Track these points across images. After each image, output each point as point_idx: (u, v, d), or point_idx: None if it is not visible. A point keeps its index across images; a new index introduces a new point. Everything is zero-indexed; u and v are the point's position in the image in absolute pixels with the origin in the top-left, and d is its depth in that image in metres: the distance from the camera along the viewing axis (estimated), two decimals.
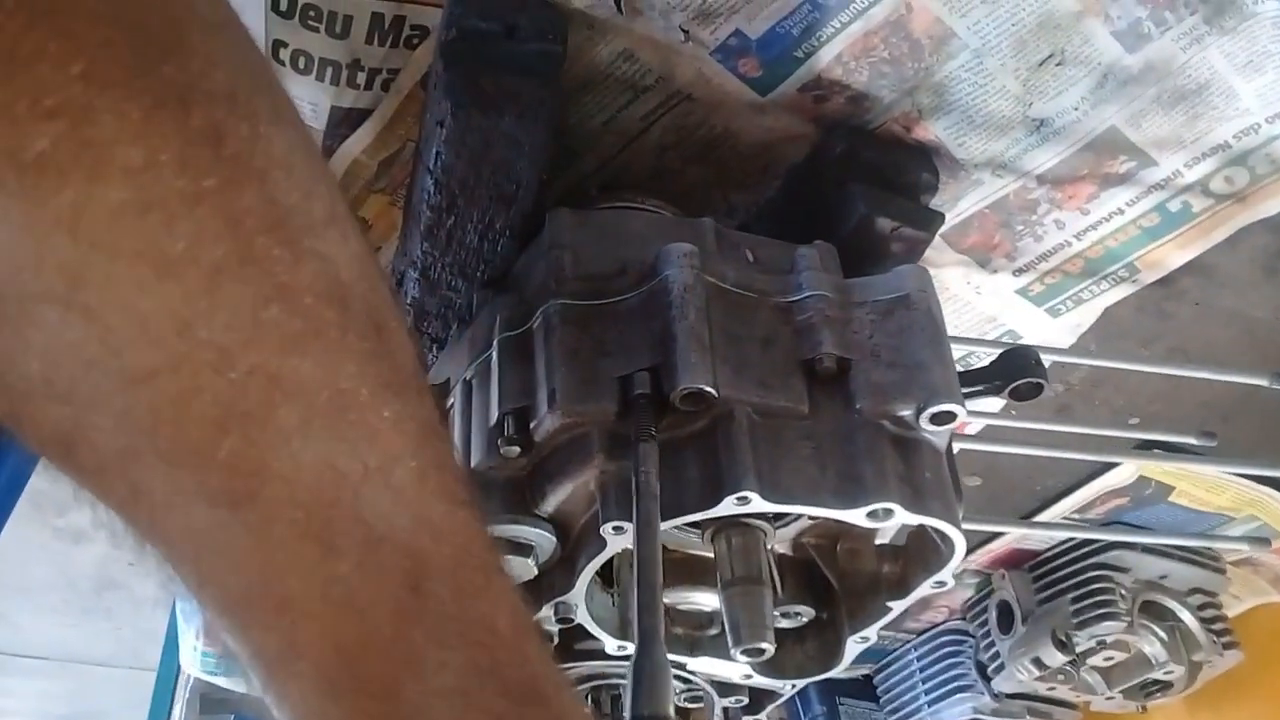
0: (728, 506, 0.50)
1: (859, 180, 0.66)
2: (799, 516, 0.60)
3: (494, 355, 0.57)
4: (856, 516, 0.52)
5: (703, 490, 0.51)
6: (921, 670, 1.26)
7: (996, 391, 0.61)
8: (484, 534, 0.32)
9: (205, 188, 0.25)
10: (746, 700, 0.68)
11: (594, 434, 0.53)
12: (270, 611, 0.29)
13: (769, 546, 0.58)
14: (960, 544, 0.54)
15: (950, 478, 0.56)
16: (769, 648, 0.55)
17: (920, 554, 0.58)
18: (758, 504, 0.50)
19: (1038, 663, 1.09)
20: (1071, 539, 1.10)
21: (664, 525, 0.52)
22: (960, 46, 0.64)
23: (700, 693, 0.71)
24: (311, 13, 0.59)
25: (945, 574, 0.57)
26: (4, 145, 0.23)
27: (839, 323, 0.56)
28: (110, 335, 0.25)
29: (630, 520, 0.51)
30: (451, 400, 0.61)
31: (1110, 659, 1.11)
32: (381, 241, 0.75)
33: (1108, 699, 1.18)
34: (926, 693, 1.25)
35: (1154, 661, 1.12)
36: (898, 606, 0.60)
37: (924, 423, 0.54)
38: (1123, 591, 1.09)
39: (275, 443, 0.27)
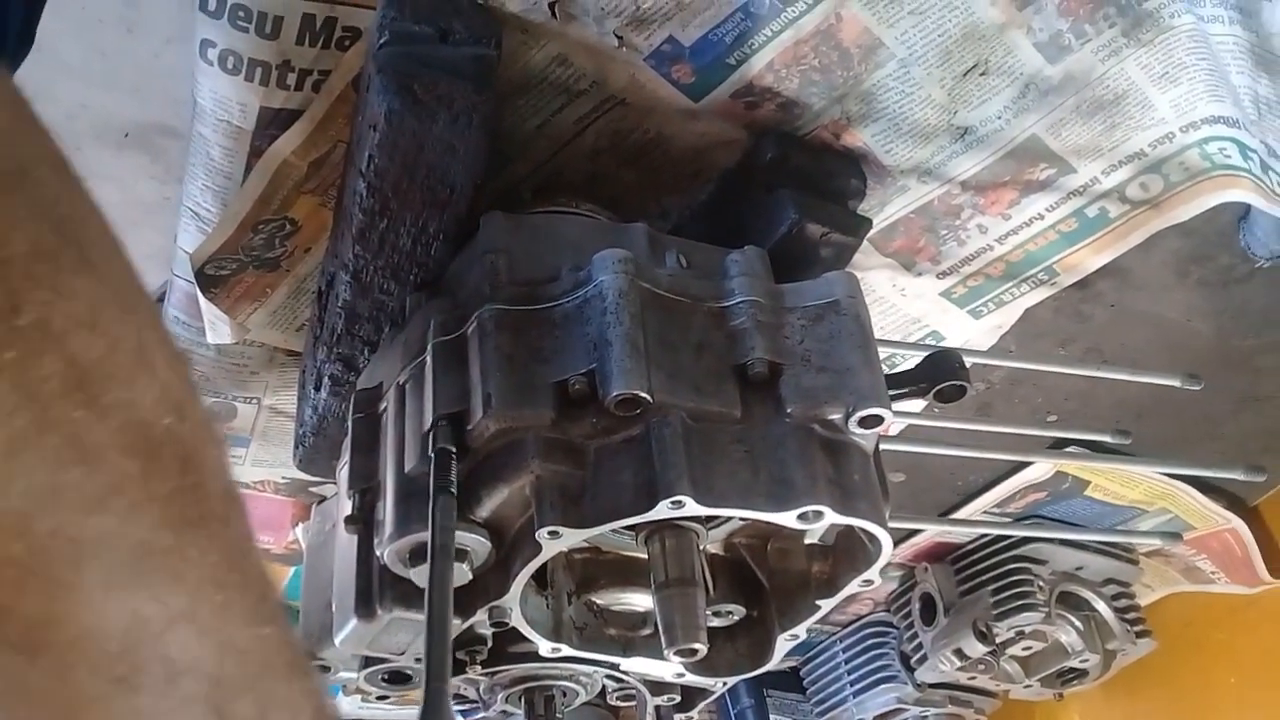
0: (662, 510, 0.51)
1: (789, 186, 0.67)
2: (730, 518, 0.61)
3: (428, 360, 0.57)
4: (787, 519, 0.53)
5: (637, 494, 0.52)
6: (847, 662, 1.28)
7: (922, 394, 0.62)
8: (288, 642, 0.34)
9: (3, 361, 0.26)
10: (679, 698, 0.69)
11: (529, 439, 0.53)
12: None
13: (701, 548, 0.59)
14: (887, 544, 0.56)
15: (878, 478, 0.57)
16: (702, 648, 0.56)
17: (848, 553, 0.60)
18: (691, 508, 0.51)
19: (959, 653, 1.11)
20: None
21: (598, 529, 0.53)
22: (888, 56, 0.66)
23: (632, 691, 0.72)
24: (241, 13, 0.58)
25: (873, 573, 0.58)
26: None
27: (770, 328, 0.57)
28: None
29: (566, 525, 0.52)
30: (384, 405, 0.61)
31: (1029, 649, 1.14)
32: (311, 243, 0.74)
33: (1026, 687, 1.22)
34: (852, 684, 1.28)
35: (1070, 650, 1.16)
36: (826, 605, 0.61)
37: (852, 426, 0.55)
38: (1041, 583, 1.12)
39: (78, 597, 0.29)
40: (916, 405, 0.80)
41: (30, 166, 0.29)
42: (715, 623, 0.65)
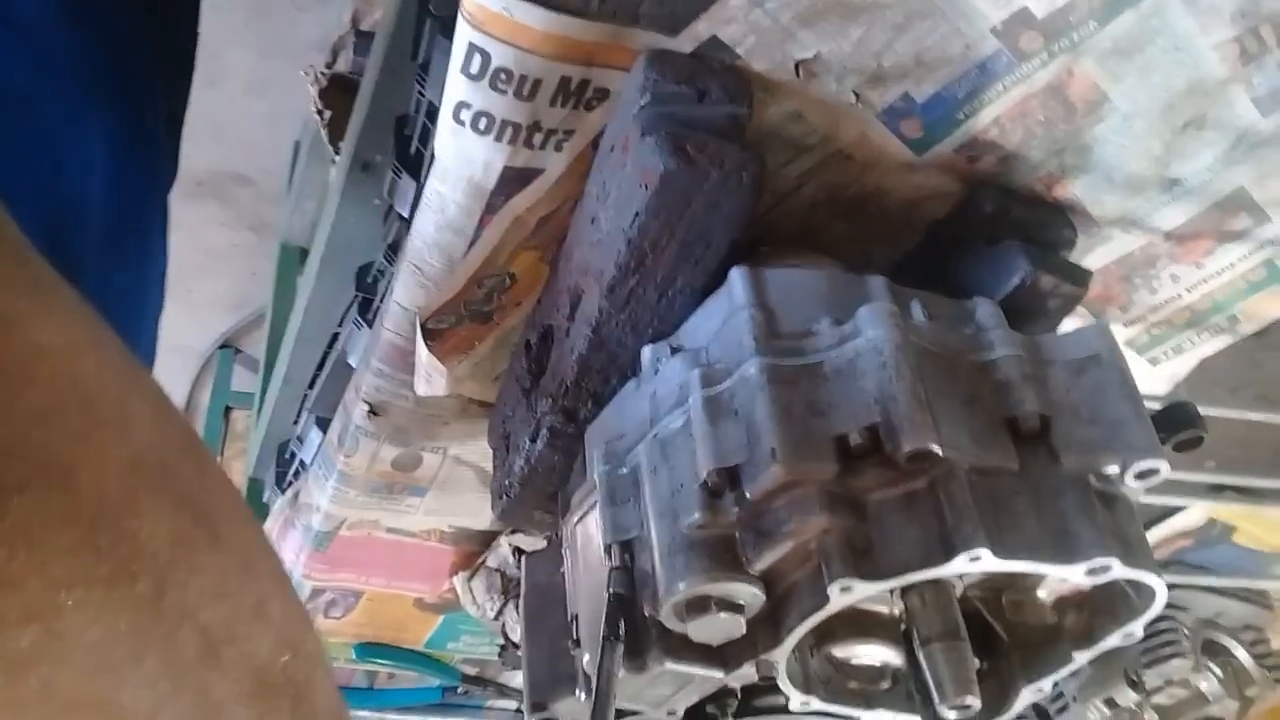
0: (960, 565, 0.51)
1: (1011, 238, 0.68)
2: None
3: (694, 413, 0.58)
4: (1075, 572, 0.53)
5: (930, 548, 0.52)
6: None
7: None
8: None
9: (150, 640, 0.30)
10: None
11: (815, 493, 0.53)
12: None
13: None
14: (1162, 595, 0.56)
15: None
16: (976, 702, 0.56)
17: (1108, 605, 0.60)
18: (987, 562, 0.51)
19: (1110, 703, 1.11)
20: None
21: (884, 585, 0.53)
22: (1111, 110, 0.67)
23: None
24: (503, 76, 0.60)
25: (1137, 625, 0.58)
26: None
27: (1036, 380, 0.57)
28: None
29: (860, 579, 0.52)
30: (633, 458, 0.62)
31: (1174, 697, 1.14)
32: (523, 297, 0.75)
33: None
34: None
35: (1211, 698, 1.15)
36: (1082, 657, 0.61)
37: (1128, 479, 0.55)
38: (1185, 630, 1.12)
39: None
40: None
41: (170, 458, 0.33)
42: None
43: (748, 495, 0.54)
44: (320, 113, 1.55)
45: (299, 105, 1.65)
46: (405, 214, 0.85)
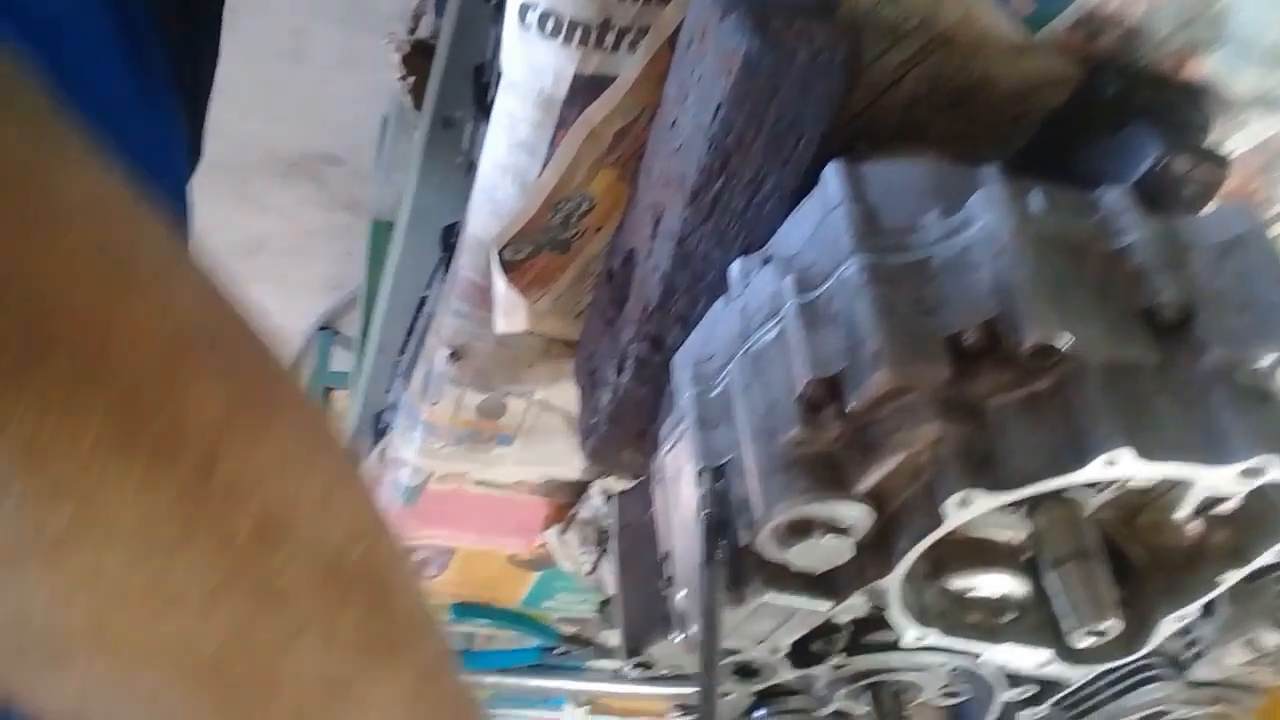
0: (1095, 470, 0.46)
1: (1140, 122, 0.61)
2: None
3: (788, 322, 0.53)
4: (1227, 476, 0.47)
5: (1061, 453, 0.46)
6: None
7: None
8: None
9: (200, 520, 0.28)
10: (1035, 690, 0.63)
11: (925, 399, 0.48)
12: None
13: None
14: None
15: None
16: (1115, 624, 0.50)
17: (1260, 517, 0.53)
18: (1126, 465, 0.45)
19: (1252, 645, 1.02)
20: None
21: (1007, 497, 0.48)
22: None
23: (957, 690, 0.66)
24: None
25: None
26: (28, 533, 0.25)
27: (1174, 267, 0.51)
28: (128, 664, 0.29)
29: (980, 490, 0.47)
30: (724, 378, 0.57)
31: None
32: (603, 221, 0.71)
33: None
34: (1110, 684, 1.19)
35: None
36: (1233, 577, 0.54)
37: None
38: None
39: None
40: None
41: (219, 332, 0.31)
42: None
43: (850, 406, 0.49)
44: (404, 79, 1.55)
45: (386, 80, 1.63)
46: None
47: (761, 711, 0.82)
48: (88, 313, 0.27)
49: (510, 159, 0.65)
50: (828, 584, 0.53)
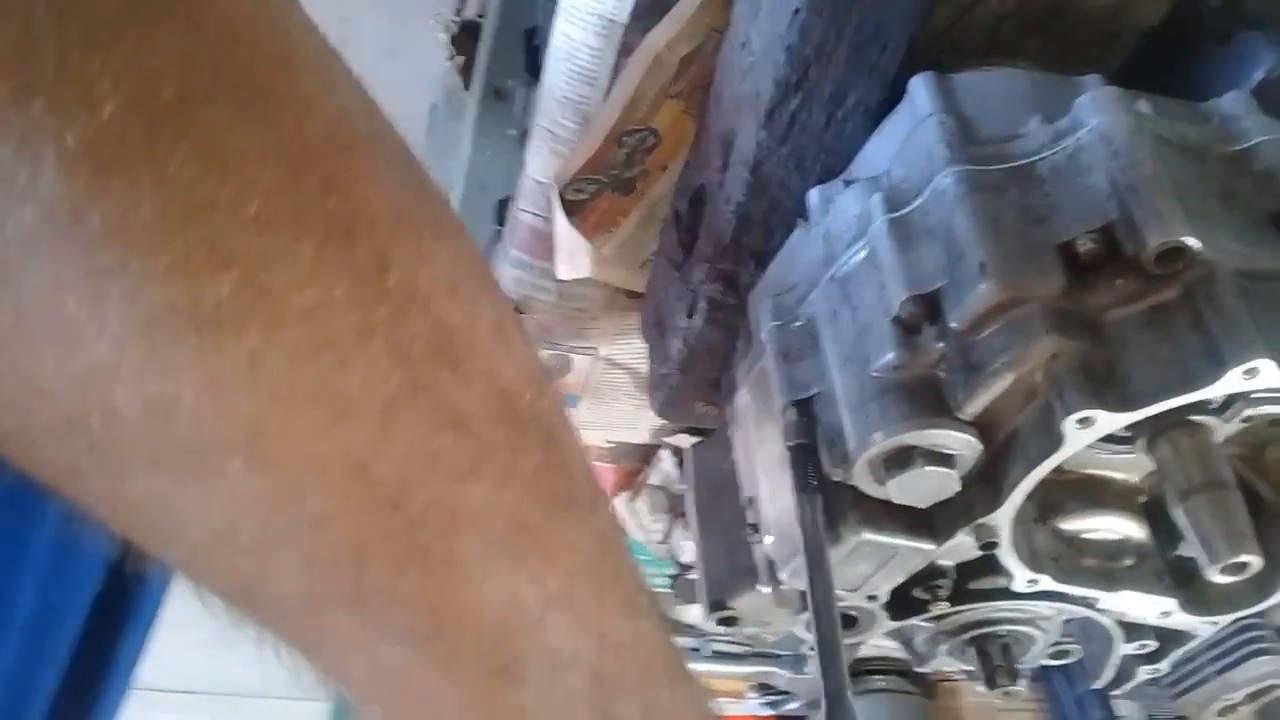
0: (1232, 382, 0.41)
1: (1250, 31, 0.56)
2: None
3: (877, 241, 0.49)
4: None
5: (1192, 365, 0.42)
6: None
7: None
8: (668, 642, 0.32)
9: (375, 320, 0.25)
10: (1154, 644, 0.59)
11: (1037, 313, 0.44)
12: None
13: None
14: None
15: None
16: (1255, 560, 0.46)
17: None
18: (1269, 376, 0.41)
19: None
20: None
21: (1133, 415, 0.44)
22: None
23: (1069, 647, 0.62)
24: None
25: None
26: (182, 300, 0.22)
27: None
28: (291, 481, 0.25)
29: (1105, 409, 0.43)
30: (807, 307, 0.53)
31: None
32: (668, 159, 0.67)
33: None
34: (1215, 658, 1.13)
35: None
36: None
37: None
38: None
39: (456, 576, 0.27)
40: None
41: (379, 131, 0.28)
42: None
43: (952, 324, 0.45)
44: (452, 59, 1.54)
45: (434, 67, 1.62)
46: None
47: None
48: (249, 69, 0.24)
49: (570, 89, 0.61)
50: (931, 522, 0.49)
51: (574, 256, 0.67)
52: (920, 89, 0.52)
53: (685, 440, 0.85)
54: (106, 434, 0.23)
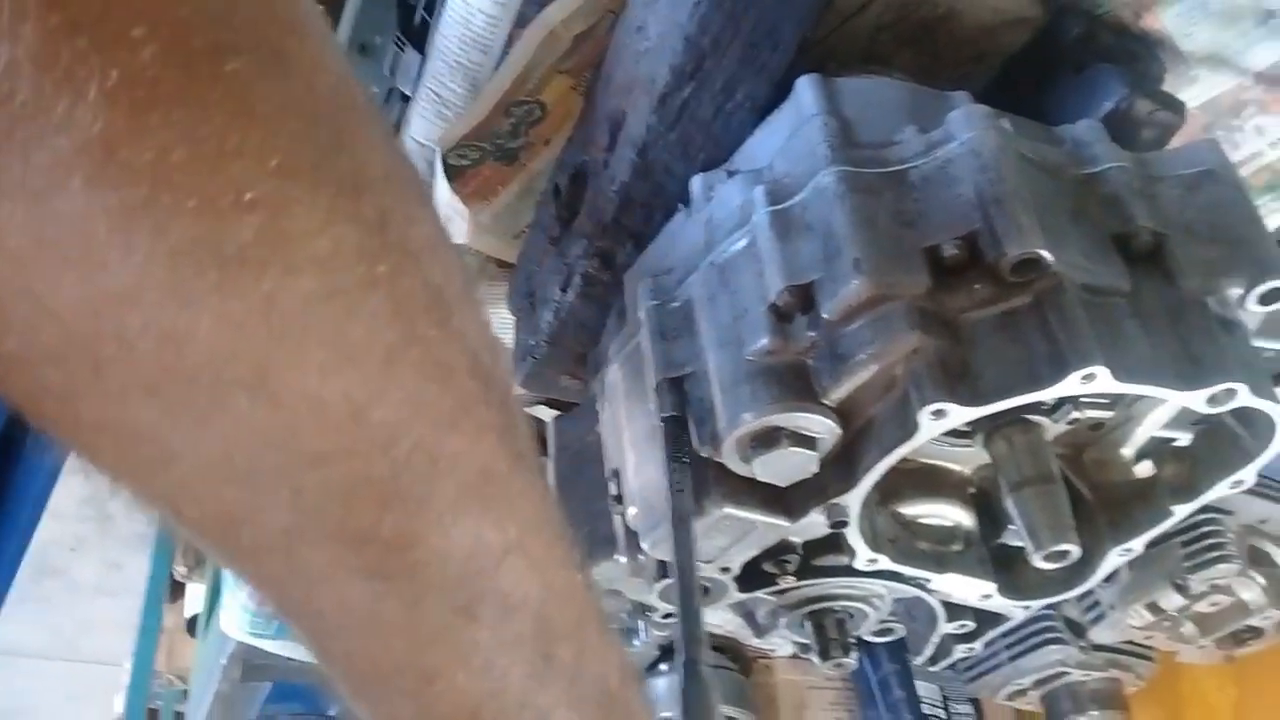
0: (1070, 385, 0.45)
1: (1103, 64, 0.61)
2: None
3: (759, 231, 0.51)
4: (1196, 400, 0.47)
5: (1036, 368, 0.46)
6: None
7: None
8: (596, 595, 0.35)
9: (378, 273, 0.27)
10: (973, 626, 0.63)
11: (902, 310, 0.47)
12: (415, 681, 0.30)
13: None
14: None
15: None
16: (1075, 549, 0.50)
17: (1213, 452, 0.54)
18: (1103, 383, 0.45)
19: (1153, 608, 1.05)
20: None
21: (982, 410, 0.47)
22: None
23: (894, 625, 0.66)
24: None
25: (1248, 472, 0.53)
26: (208, 238, 0.23)
27: (1146, 196, 0.51)
28: (292, 420, 0.26)
29: (956, 403, 0.46)
30: (684, 290, 0.55)
31: (1215, 604, 1.09)
32: (552, 133, 0.68)
33: (1200, 648, 1.16)
34: (1009, 646, 1.21)
35: (1252, 608, 1.10)
36: (1182, 511, 0.55)
37: (1250, 303, 0.49)
38: (1231, 534, 1.07)
39: (432, 518, 0.29)
40: None
41: (376, 112, 0.31)
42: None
43: (824, 315, 0.48)
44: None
45: None
46: (409, 92, 0.78)
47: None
48: (267, 30, 0.25)
49: (461, 54, 0.62)
50: (787, 500, 0.52)
51: (450, 222, 0.67)
52: (807, 89, 0.54)
53: (545, 412, 0.86)
54: (112, 360, 0.24)
